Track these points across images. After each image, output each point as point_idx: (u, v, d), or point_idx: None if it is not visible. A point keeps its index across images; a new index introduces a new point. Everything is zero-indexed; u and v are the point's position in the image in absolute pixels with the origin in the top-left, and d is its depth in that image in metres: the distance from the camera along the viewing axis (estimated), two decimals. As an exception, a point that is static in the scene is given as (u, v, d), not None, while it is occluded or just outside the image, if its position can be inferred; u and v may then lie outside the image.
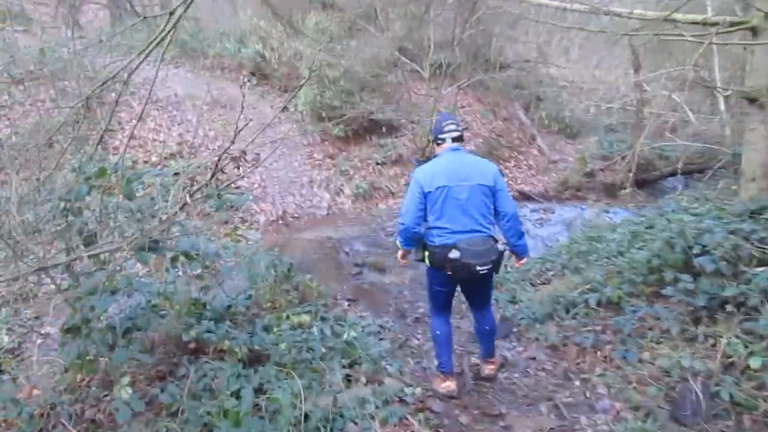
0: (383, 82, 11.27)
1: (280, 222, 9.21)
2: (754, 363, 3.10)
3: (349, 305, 5.76)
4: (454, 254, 3.04)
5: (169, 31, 2.58)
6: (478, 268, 3.05)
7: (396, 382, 3.53)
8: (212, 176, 3.07)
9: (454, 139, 3.31)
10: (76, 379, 3.40)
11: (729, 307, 3.47)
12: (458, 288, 3.49)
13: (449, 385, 3.43)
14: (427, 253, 3.27)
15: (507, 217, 3.22)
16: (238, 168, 3.23)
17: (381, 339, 4.74)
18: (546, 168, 12.60)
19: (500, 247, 3.16)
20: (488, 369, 3.63)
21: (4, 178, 9.34)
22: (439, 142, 3.36)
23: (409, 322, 5.29)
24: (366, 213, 9.54)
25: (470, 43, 12.81)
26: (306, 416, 3.00)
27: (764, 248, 3.63)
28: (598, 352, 3.77)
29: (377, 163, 10.75)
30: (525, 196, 11.14)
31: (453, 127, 3.33)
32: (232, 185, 9.72)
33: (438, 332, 3.43)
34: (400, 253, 3.55)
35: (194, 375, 3.59)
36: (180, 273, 4.67)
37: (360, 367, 3.73)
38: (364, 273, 6.84)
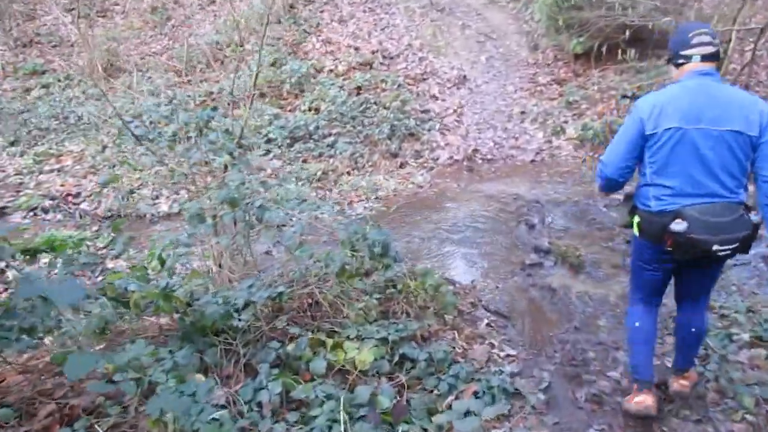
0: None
1: (465, 163, 6.91)
2: None
3: (489, 325, 3.40)
4: (678, 226, 2.13)
5: None
6: (716, 247, 2.09)
7: None
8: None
9: (704, 58, 2.19)
10: None
11: None
12: None
13: (644, 401, 2.43)
14: (636, 219, 2.35)
15: None
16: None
17: (500, 426, 2.40)
18: None
19: (755, 218, 2.17)
20: (679, 384, 2.59)
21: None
22: (680, 61, 2.25)
23: (581, 398, 2.74)
24: (589, 166, 6.59)
25: None
26: None
27: None
28: None
29: (624, 96, 7.44)
30: None
31: (706, 38, 2.20)
32: (418, 108, 7.67)
33: (637, 324, 2.51)
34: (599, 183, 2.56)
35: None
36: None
37: None
38: (545, 266, 4.26)
